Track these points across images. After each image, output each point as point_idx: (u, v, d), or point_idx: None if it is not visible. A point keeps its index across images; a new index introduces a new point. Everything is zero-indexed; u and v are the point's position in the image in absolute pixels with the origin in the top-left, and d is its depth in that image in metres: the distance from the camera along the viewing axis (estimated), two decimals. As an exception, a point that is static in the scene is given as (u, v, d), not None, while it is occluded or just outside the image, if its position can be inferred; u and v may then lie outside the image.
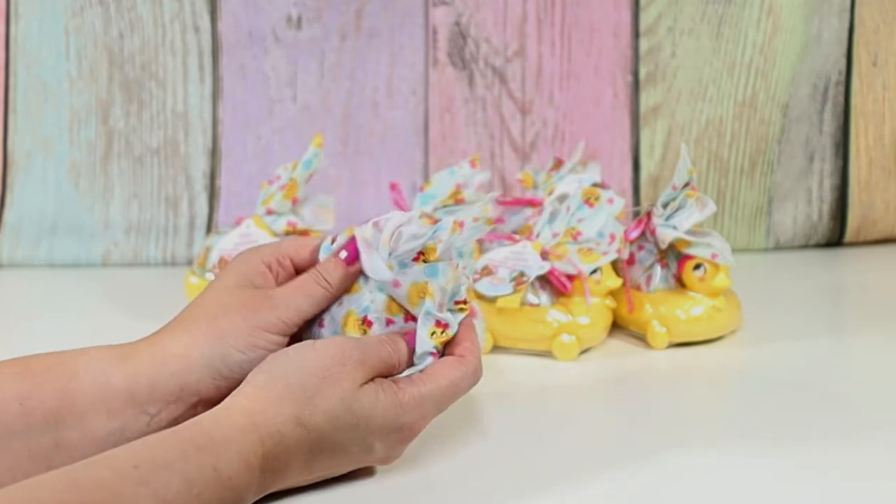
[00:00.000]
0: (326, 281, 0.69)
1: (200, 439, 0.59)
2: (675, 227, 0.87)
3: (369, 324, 0.69)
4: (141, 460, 0.56)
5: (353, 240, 0.70)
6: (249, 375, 0.63)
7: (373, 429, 0.64)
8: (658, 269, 0.90)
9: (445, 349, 0.69)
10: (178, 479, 0.56)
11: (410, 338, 0.68)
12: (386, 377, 0.66)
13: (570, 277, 0.87)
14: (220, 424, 0.60)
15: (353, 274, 0.69)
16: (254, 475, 0.60)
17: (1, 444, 0.62)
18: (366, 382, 0.64)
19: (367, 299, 0.69)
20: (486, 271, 0.86)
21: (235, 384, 0.65)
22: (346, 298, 0.70)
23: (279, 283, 0.70)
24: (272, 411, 0.61)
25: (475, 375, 0.68)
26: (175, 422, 0.65)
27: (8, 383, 0.63)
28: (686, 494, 0.65)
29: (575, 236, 0.87)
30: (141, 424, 0.64)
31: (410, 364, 0.68)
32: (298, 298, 0.68)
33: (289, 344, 0.67)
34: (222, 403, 0.62)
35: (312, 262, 0.71)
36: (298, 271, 0.71)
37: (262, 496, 0.62)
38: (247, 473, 0.59)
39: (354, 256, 0.69)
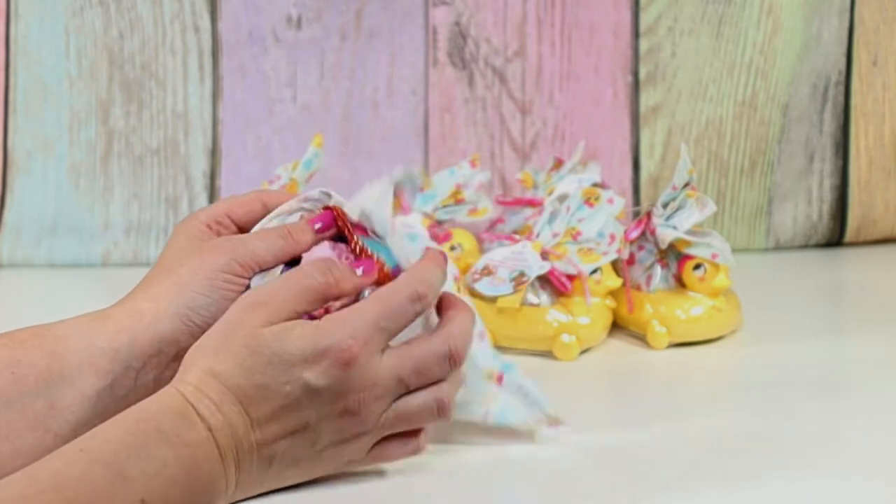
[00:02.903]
0: (290, 234, 0.69)
1: (136, 413, 0.60)
2: (675, 227, 0.87)
3: None
4: (85, 444, 0.58)
5: (329, 211, 0.70)
6: None
7: (292, 361, 0.62)
8: (658, 269, 0.90)
9: None
10: (125, 447, 0.57)
11: (362, 263, 0.67)
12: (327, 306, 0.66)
13: (570, 277, 0.87)
14: (151, 399, 0.61)
15: (319, 239, 0.70)
16: (199, 431, 0.60)
17: None
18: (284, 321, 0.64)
19: None
20: (486, 271, 0.86)
21: (207, 328, 0.67)
22: None
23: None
24: (187, 374, 0.62)
25: (411, 285, 0.65)
26: (162, 374, 0.67)
27: None
28: (686, 495, 0.65)
29: (575, 236, 0.87)
30: (129, 381, 0.66)
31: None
32: (255, 242, 0.69)
33: None
34: None
35: (249, 216, 0.72)
36: (241, 229, 0.72)
37: (244, 473, 0.62)
38: (191, 430, 0.60)
39: (326, 227, 0.70)
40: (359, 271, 0.67)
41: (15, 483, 0.55)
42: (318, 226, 0.70)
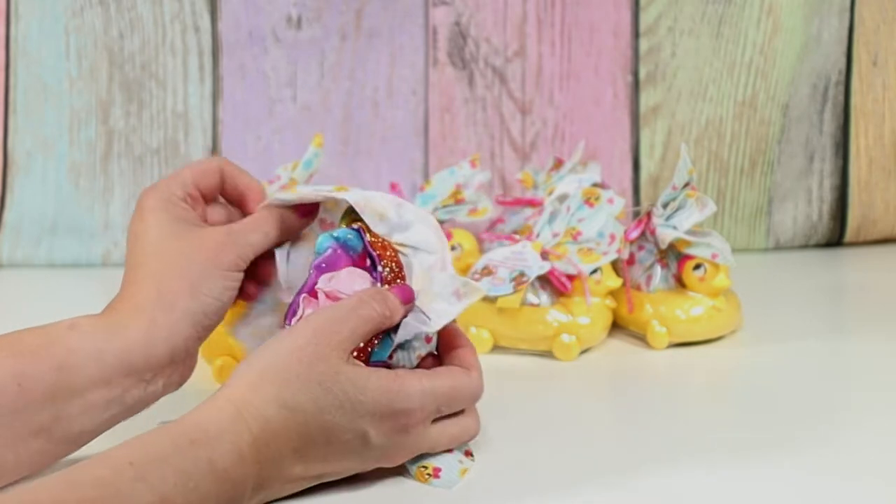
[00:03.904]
0: (282, 220, 0.71)
1: (193, 433, 0.59)
2: (675, 227, 0.87)
3: None
4: (136, 457, 0.57)
5: (307, 203, 0.72)
6: (234, 370, 0.64)
7: (362, 412, 0.62)
8: (658, 269, 0.90)
9: (446, 359, 0.69)
10: (174, 472, 0.57)
11: (399, 291, 0.67)
12: (379, 334, 0.66)
13: (570, 277, 0.87)
14: (210, 417, 0.60)
15: (305, 223, 0.71)
16: (248, 466, 0.60)
17: (1, 423, 0.62)
18: (351, 355, 0.64)
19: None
20: (486, 271, 0.86)
21: (213, 329, 0.68)
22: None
23: (198, 213, 0.71)
24: (255, 397, 0.61)
25: (476, 389, 0.67)
26: (168, 381, 0.67)
27: (3, 364, 0.63)
28: (686, 495, 0.65)
29: (575, 236, 0.87)
30: (139, 390, 0.66)
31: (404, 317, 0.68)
32: (254, 236, 0.69)
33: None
34: (210, 397, 0.62)
35: (211, 187, 0.72)
36: (206, 198, 0.72)
37: (263, 494, 0.62)
38: (241, 465, 0.59)
39: (309, 213, 0.72)
40: (405, 305, 0.68)
41: (55, 484, 0.54)
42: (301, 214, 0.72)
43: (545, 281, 0.87)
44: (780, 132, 1.13)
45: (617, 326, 0.90)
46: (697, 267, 0.88)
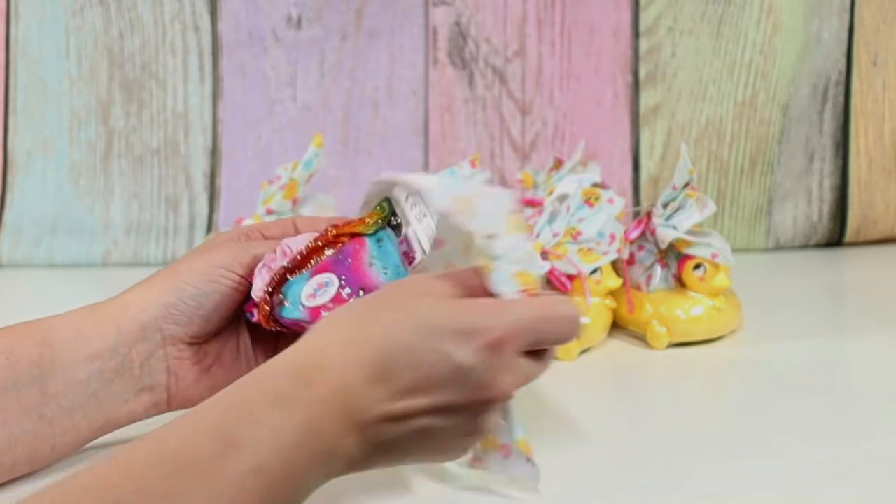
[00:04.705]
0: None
1: (258, 374, 0.58)
2: (675, 227, 0.87)
3: None
4: (197, 412, 0.56)
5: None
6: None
7: (440, 332, 0.57)
8: (658, 269, 0.90)
9: None
10: (236, 413, 0.55)
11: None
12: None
13: (570, 277, 0.87)
14: (274, 359, 0.58)
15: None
16: (318, 390, 0.56)
17: None
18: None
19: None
20: (486, 271, 0.86)
21: (194, 319, 0.69)
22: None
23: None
24: (318, 338, 0.59)
25: (572, 309, 0.60)
26: (146, 359, 0.69)
27: None
28: (685, 494, 0.65)
29: (575, 236, 0.87)
30: (115, 364, 0.68)
31: None
32: (256, 246, 0.71)
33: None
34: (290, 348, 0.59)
35: (282, 233, 0.74)
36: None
37: (360, 441, 0.58)
38: (309, 389, 0.56)
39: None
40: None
41: (118, 452, 0.54)
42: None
43: (545, 281, 0.87)
44: (780, 132, 1.13)
45: (617, 326, 0.90)
46: (697, 267, 0.88)
